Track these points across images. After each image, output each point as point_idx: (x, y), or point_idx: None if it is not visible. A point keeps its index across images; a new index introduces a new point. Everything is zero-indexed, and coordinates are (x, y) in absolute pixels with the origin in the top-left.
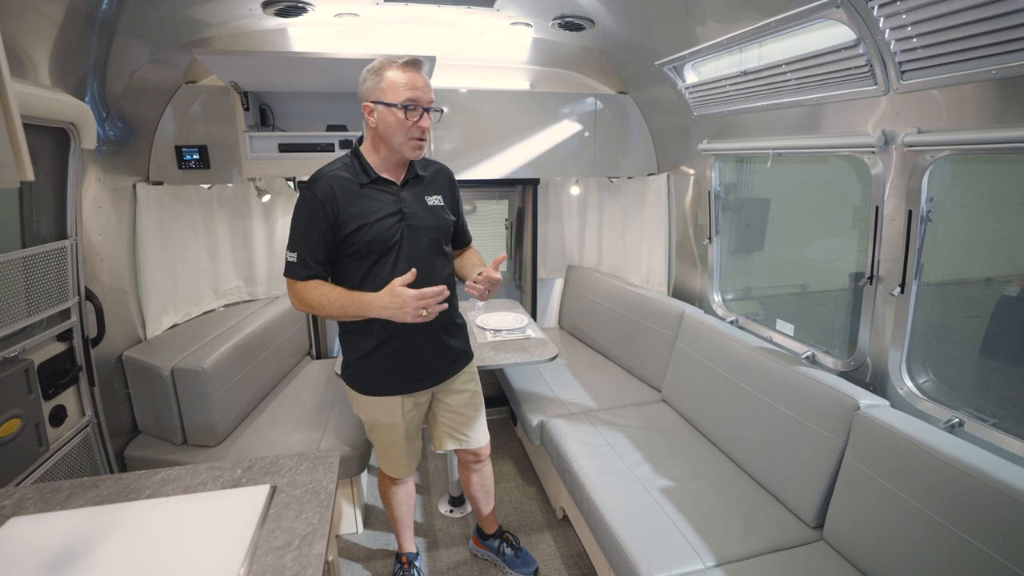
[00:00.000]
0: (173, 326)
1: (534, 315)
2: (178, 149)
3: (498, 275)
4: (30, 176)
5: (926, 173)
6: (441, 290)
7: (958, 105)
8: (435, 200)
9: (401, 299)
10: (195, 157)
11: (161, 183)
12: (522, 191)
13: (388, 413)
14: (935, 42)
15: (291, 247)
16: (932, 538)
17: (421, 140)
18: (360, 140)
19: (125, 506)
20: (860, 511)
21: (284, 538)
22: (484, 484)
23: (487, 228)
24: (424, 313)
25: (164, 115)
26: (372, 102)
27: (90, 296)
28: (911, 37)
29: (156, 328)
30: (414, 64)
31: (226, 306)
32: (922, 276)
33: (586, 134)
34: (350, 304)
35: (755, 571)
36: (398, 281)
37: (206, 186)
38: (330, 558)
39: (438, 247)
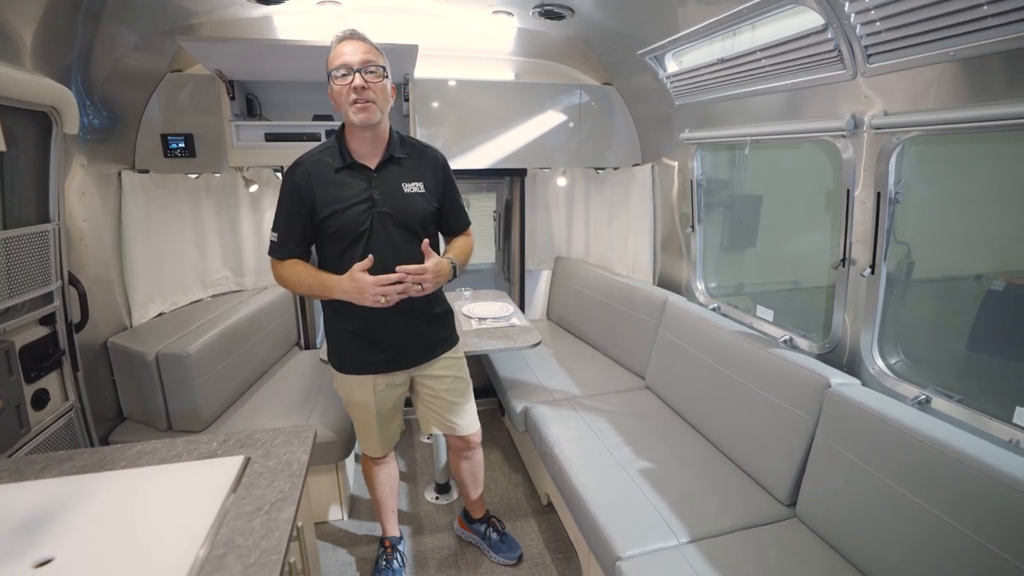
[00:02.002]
0: (159, 314)
1: (522, 307)
2: (164, 137)
3: (421, 266)
4: (1, 146)
5: (893, 154)
6: (399, 277)
7: (923, 87)
8: (414, 187)
9: (359, 284)
10: (181, 145)
11: (147, 171)
12: (510, 183)
13: (361, 391)
14: (896, 25)
15: (274, 227)
16: (899, 510)
17: (361, 103)
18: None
19: (99, 476)
20: (831, 487)
21: (254, 504)
22: (473, 471)
23: (476, 222)
24: (382, 300)
25: (150, 103)
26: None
27: (74, 281)
28: (875, 21)
29: (142, 316)
30: (348, 35)
31: (214, 296)
32: (892, 257)
33: (571, 125)
34: (316, 285)
35: (728, 546)
36: (358, 267)
37: (193, 176)
38: (300, 524)
39: (412, 234)
